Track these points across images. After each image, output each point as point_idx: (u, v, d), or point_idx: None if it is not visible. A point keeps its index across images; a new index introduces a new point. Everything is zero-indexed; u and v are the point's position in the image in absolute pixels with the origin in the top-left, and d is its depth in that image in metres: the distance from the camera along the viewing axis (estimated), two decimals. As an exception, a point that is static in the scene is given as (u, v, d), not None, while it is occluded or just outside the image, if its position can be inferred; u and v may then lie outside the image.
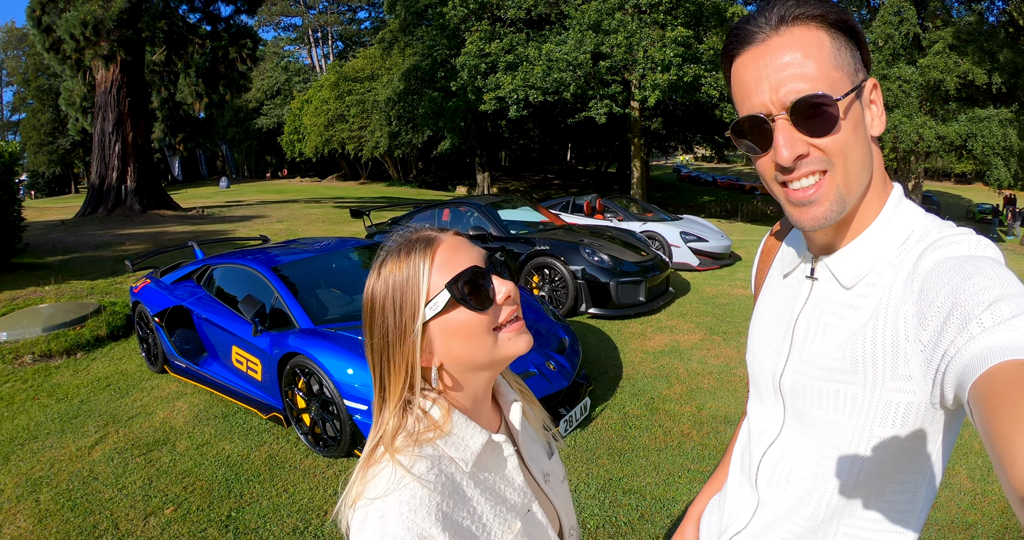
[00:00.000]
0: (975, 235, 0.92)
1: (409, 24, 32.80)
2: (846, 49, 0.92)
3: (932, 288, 0.85)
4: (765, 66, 0.93)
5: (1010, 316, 0.72)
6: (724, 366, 5.97)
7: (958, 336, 0.76)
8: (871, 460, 0.98)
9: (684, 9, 22.85)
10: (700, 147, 44.70)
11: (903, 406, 0.92)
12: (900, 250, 0.96)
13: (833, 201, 0.95)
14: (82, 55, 18.48)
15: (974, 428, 0.74)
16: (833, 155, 0.92)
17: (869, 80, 0.94)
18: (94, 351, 6.71)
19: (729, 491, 1.31)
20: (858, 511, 1.03)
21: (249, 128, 56.98)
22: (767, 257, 1.30)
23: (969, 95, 28.36)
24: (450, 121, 30.01)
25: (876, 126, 0.95)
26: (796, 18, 0.91)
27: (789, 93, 0.91)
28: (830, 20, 0.91)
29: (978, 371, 0.70)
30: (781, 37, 0.92)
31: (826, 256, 1.05)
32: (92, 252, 12.60)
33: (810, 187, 0.95)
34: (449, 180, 46.45)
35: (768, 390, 1.16)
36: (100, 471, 4.23)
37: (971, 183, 56.05)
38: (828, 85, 0.89)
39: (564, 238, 7.97)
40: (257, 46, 23.14)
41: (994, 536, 3.40)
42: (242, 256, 5.57)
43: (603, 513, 3.61)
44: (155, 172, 21.82)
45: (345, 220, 17.62)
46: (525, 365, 4.44)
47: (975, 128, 25.88)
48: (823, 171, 0.94)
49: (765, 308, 1.21)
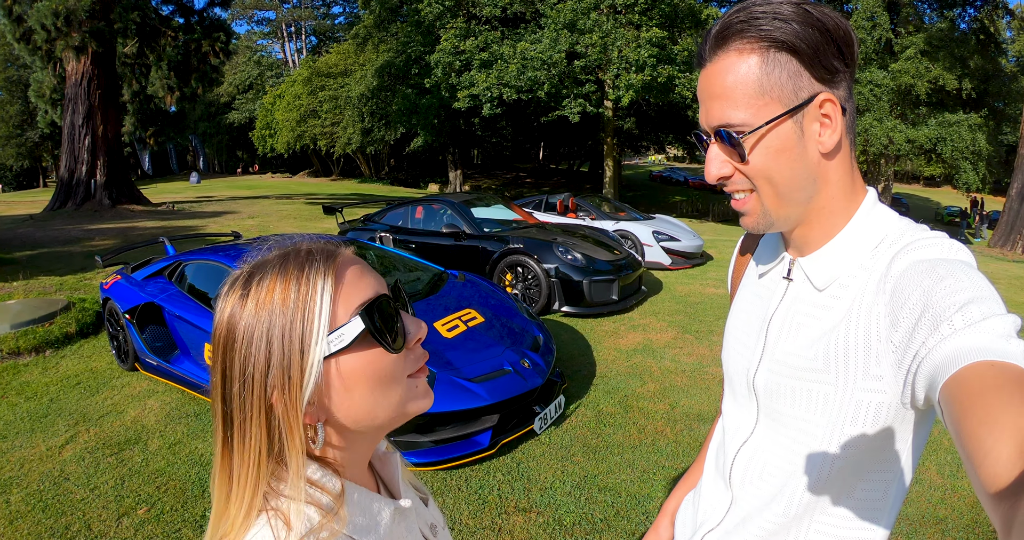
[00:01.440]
0: (948, 239, 0.94)
1: (383, 20, 32.64)
2: (783, 69, 0.90)
3: (904, 290, 0.87)
4: (703, 90, 0.98)
5: (980, 318, 0.75)
6: (697, 364, 6.02)
7: (929, 337, 0.78)
8: (842, 458, 0.99)
9: (659, 10, 22.94)
10: (672, 147, 44.94)
11: (874, 405, 0.93)
12: (873, 253, 0.97)
13: (760, 215, 1.01)
14: (53, 46, 18.17)
15: (943, 425, 0.76)
16: (754, 178, 0.97)
17: (820, 96, 0.92)
18: (63, 348, 6.60)
19: (704, 488, 1.32)
20: (829, 508, 1.04)
21: (220, 123, 56.34)
22: (743, 257, 1.31)
23: (939, 100, 28.86)
24: (423, 118, 29.93)
25: (826, 142, 0.94)
26: (729, 40, 0.93)
27: (713, 119, 0.96)
28: (766, 40, 0.90)
29: (949, 372, 0.72)
30: (715, 63, 0.95)
31: (801, 257, 1.06)
32: (61, 247, 12.39)
33: (739, 200, 1.02)
34: (421, 177, 46.27)
35: (742, 388, 1.17)
36: (71, 471, 4.16)
37: (939, 186, 56.93)
38: (751, 113, 0.92)
39: (537, 236, 7.99)
40: (230, 40, 22.96)
41: (964, 530, 3.47)
42: (214, 252, 5.52)
43: (579, 510, 3.63)
44: (125, 166, 21.52)
45: (317, 217, 17.51)
46: (500, 363, 4.44)
47: (945, 132, 26.34)
48: (750, 189, 0.99)
49: (741, 307, 1.22)
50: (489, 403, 4.07)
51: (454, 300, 5.32)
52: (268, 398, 0.74)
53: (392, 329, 0.81)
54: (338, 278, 0.79)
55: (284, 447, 0.75)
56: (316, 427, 0.79)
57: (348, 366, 0.77)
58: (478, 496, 3.76)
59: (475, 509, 3.63)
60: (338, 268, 0.80)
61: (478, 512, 3.60)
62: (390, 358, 0.80)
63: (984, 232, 31.16)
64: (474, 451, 4.04)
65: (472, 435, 4.08)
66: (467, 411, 4.03)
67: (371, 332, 0.78)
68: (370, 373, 0.78)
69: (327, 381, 0.77)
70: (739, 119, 0.93)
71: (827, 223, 1.01)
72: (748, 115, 0.92)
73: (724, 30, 0.93)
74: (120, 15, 18.41)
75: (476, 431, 4.08)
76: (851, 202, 1.01)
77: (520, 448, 4.33)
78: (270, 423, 0.75)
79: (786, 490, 1.08)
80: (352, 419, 0.80)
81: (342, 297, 0.78)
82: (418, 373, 0.86)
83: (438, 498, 3.71)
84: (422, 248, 8.58)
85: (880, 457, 0.98)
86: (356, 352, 0.77)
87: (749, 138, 0.93)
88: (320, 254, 0.80)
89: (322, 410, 0.78)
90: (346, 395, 0.78)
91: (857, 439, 0.97)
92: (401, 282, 0.93)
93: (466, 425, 4.09)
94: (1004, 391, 0.64)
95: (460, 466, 4.04)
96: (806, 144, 0.94)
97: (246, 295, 0.77)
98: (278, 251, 0.82)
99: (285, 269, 0.77)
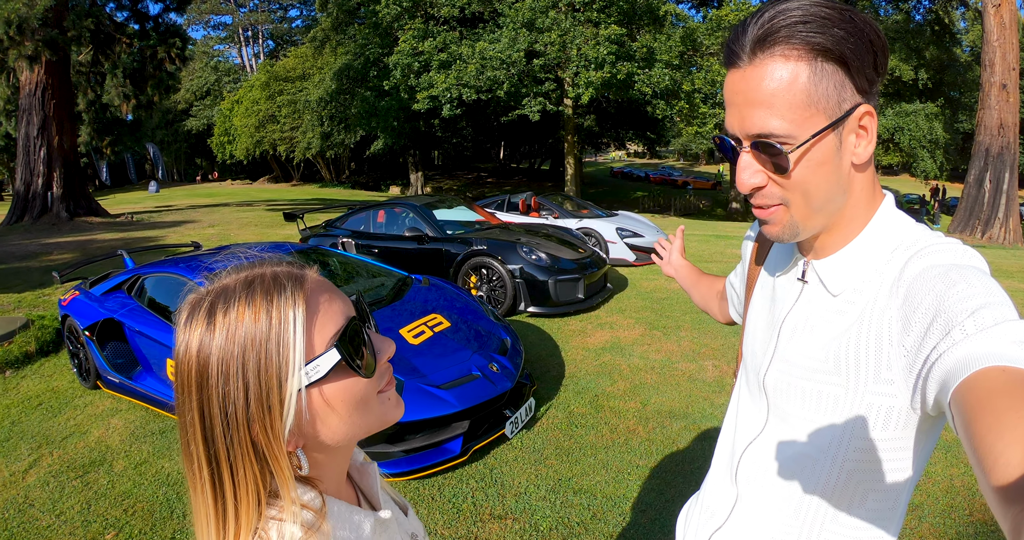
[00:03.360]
0: (961, 244, 0.93)
1: (341, 22, 32.45)
2: (829, 79, 0.87)
3: (917, 295, 0.86)
4: (737, 94, 0.93)
5: (992, 323, 0.74)
6: (666, 360, 6.03)
7: (941, 342, 0.78)
8: (852, 461, 0.99)
9: (617, 7, 23.07)
10: (633, 143, 45.24)
11: (884, 409, 0.93)
12: (889, 258, 0.97)
13: (786, 226, 0.98)
14: (6, 56, 17.66)
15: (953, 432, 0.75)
16: (790, 191, 0.94)
17: (861, 107, 0.89)
18: (23, 368, 6.42)
19: (709, 483, 1.33)
20: (842, 516, 1.04)
21: (178, 130, 55.47)
22: (760, 252, 1.30)
23: (896, 90, 29.48)
24: (383, 121, 29.77)
25: (861, 153, 0.93)
26: (771, 44, 0.88)
27: (752, 127, 0.91)
28: (815, 48, 0.86)
29: (960, 377, 0.71)
30: (755, 67, 0.90)
31: (815, 260, 1.05)
32: (18, 263, 12.10)
33: (766, 210, 0.98)
34: (382, 180, 46.04)
35: (755, 386, 1.17)
36: (36, 497, 4.03)
37: (898, 174, 57.91)
38: (796, 124, 0.88)
39: (501, 237, 7.95)
40: (186, 45, 22.53)
41: (940, 516, 3.51)
42: (174, 265, 5.40)
43: (555, 514, 3.60)
44: (82, 177, 21.08)
45: (278, 224, 17.31)
46: (468, 368, 4.40)
47: (902, 122, 26.90)
48: (779, 203, 0.96)
49: (757, 306, 1.22)
50: (459, 409, 4.02)
51: (419, 305, 5.26)
52: (252, 433, 0.73)
53: (363, 353, 0.80)
54: (309, 306, 0.77)
55: (274, 478, 0.75)
56: (297, 453, 0.79)
57: (325, 395, 0.77)
58: (452, 505, 3.71)
59: (450, 518, 3.58)
60: (308, 295, 0.77)
61: (453, 521, 3.55)
62: (364, 382, 0.80)
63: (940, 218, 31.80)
64: (446, 459, 3.98)
65: (443, 443, 4.02)
66: (437, 419, 3.97)
67: (347, 362, 0.77)
68: (346, 398, 0.78)
69: (304, 410, 0.76)
70: (784, 130, 0.89)
71: (846, 229, 1.01)
72: (794, 127, 0.89)
73: (768, 33, 0.88)
74: (73, 22, 17.94)
75: (447, 438, 4.03)
76: (870, 208, 1.01)
77: (492, 453, 4.29)
78: (258, 457, 0.74)
79: (794, 493, 1.08)
80: (331, 440, 0.80)
81: (316, 327, 0.76)
82: (387, 386, 0.85)
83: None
84: (385, 253, 8.50)
85: (889, 462, 0.98)
86: (332, 381, 0.77)
87: (796, 152, 0.90)
88: (288, 279, 0.78)
89: (301, 436, 0.78)
90: (324, 421, 0.78)
91: (866, 442, 0.97)
92: (362, 294, 0.91)
93: (436, 433, 4.03)
94: (1015, 396, 0.64)
95: (433, 475, 3.99)
96: (842, 156, 0.92)
97: (213, 326, 0.74)
98: (241, 275, 0.79)
99: (252, 297, 0.75)
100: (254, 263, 0.81)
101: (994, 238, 19.01)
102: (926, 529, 3.40)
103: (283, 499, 0.74)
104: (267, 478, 0.75)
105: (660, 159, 79.25)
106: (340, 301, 0.81)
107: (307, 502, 0.77)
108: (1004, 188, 19.19)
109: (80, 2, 18.57)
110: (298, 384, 0.73)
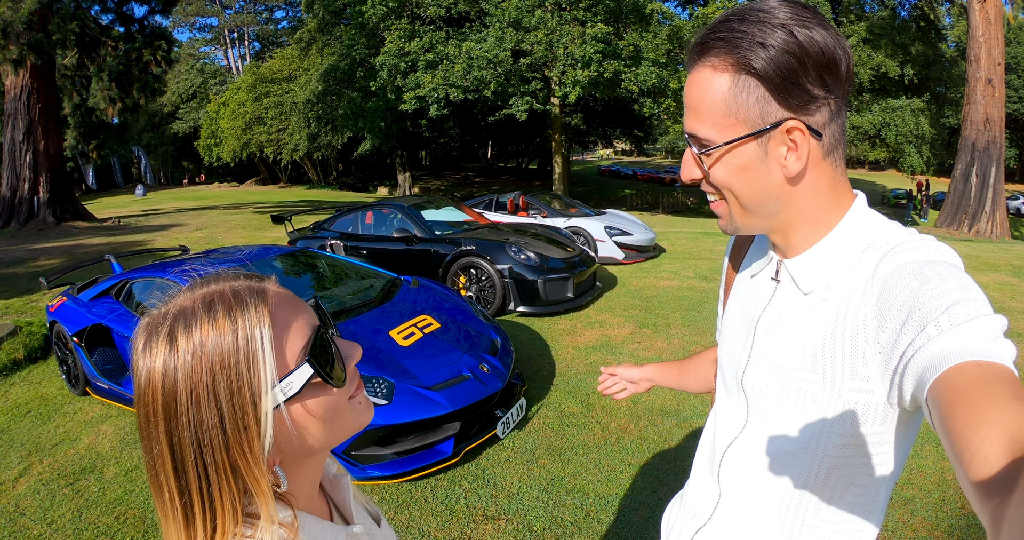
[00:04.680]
0: (935, 241, 0.94)
1: (327, 23, 32.34)
2: (751, 92, 0.90)
3: (891, 292, 0.87)
4: (685, 94, 0.99)
5: (967, 319, 0.76)
6: (656, 358, 6.04)
7: (916, 338, 0.79)
8: (831, 457, 1.00)
9: (604, 6, 23.10)
10: (620, 141, 45.32)
11: (861, 405, 0.94)
12: (860, 256, 0.97)
13: (728, 219, 1.04)
14: (-10, 60, 17.59)
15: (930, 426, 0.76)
16: (719, 187, 1.00)
17: (787, 123, 0.90)
18: (12, 375, 6.37)
19: (692, 483, 1.34)
20: (822, 511, 1.05)
21: (165, 133, 55.25)
22: (737, 256, 1.32)
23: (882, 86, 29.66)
24: (370, 121, 29.74)
25: (790, 167, 0.93)
26: (706, 53, 0.94)
27: (687, 126, 0.99)
28: (739, 62, 0.90)
29: (936, 372, 0.72)
30: (695, 73, 0.96)
31: (787, 260, 1.06)
32: (5, 269, 11.99)
33: (713, 202, 1.05)
34: (370, 181, 46.00)
35: (733, 386, 1.18)
36: (27, 505, 4.00)
37: (884, 170, 58.23)
38: (716, 130, 0.94)
39: (489, 237, 7.94)
40: (172, 48, 22.44)
41: (932, 509, 3.53)
42: (161, 269, 5.37)
43: (548, 514, 3.60)
44: (69, 182, 20.94)
45: (266, 226, 17.25)
46: (458, 369, 4.39)
47: (888, 118, 27.05)
48: (720, 195, 1.01)
49: (733, 307, 1.23)
50: (450, 411, 4.01)
51: (408, 307, 5.25)
52: (230, 458, 0.71)
53: (334, 363, 0.79)
54: (276, 321, 0.75)
55: (252, 498, 0.73)
56: (276, 471, 0.76)
57: (300, 409, 0.75)
58: (445, 506, 3.70)
59: (443, 520, 3.57)
60: (272, 309, 0.75)
61: (446, 523, 3.54)
62: (337, 391, 0.79)
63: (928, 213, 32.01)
64: (438, 460, 3.97)
65: (435, 444, 4.02)
66: (428, 420, 3.97)
67: (320, 375, 0.75)
68: (321, 410, 0.77)
69: (281, 426, 0.74)
70: (704, 133, 0.96)
71: (805, 230, 1.02)
72: (712, 132, 0.95)
73: (704, 41, 0.94)
74: (58, 26, 17.77)
75: (438, 440, 4.02)
76: (835, 211, 1.01)
77: (484, 454, 4.28)
78: (237, 482, 0.71)
79: (776, 490, 1.09)
80: (307, 453, 0.79)
81: (286, 341, 0.75)
82: (356, 391, 0.84)
83: (404, 511, 3.64)
84: (373, 254, 8.48)
85: (868, 457, 0.99)
86: (306, 396, 0.75)
87: (712, 153, 0.95)
88: (249, 294, 0.75)
89: (278, 453, 0.76)
90: (300, 435, 0.76)
91: (845, 438, 0.98)
92: (319, 297, 0.88)
93: (428, 434, 4.02)
94: (990, 390, 0.66)
95: (425, 477, 3.98)
96: (770, 165, 0.94)
97: (175, 350, 0.70)
98: (197, 293, 0.76)
99: (214, 316, 0.72)
100: (208, 279, 0.78)
101: (981, 232, 19.12)
102: (919, 522, 3.42)
103: (262, 519, 0.72)
104: (243, 499, 0.73)
105: (647, 157, 79.39)
106: (303, 311, 0.79)
107: (280, 520, 0.75)
108: (991, 182, 19.31)
109: (65, 5, 18.36)
110: (273, 402, 0.72)
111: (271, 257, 5.90)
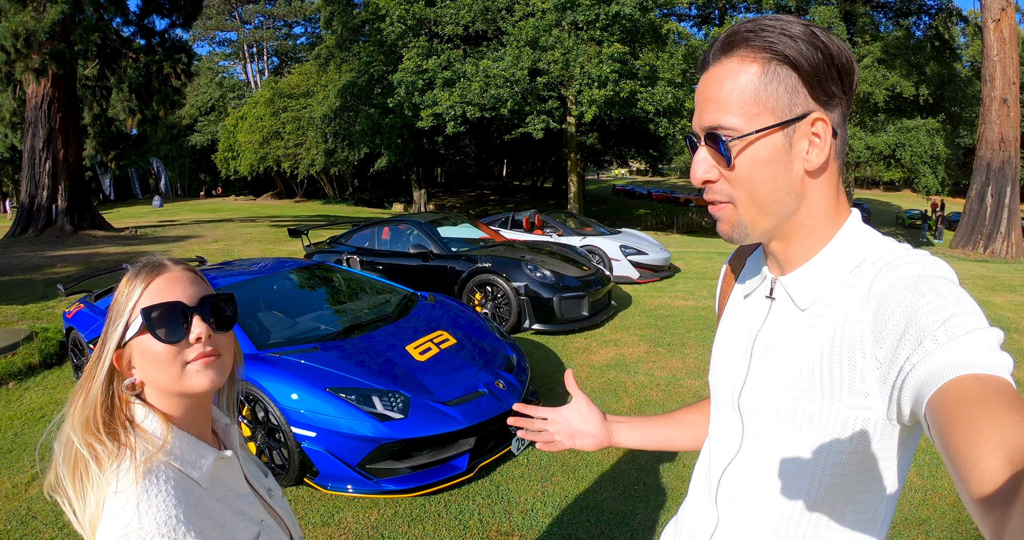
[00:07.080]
0: (930, 255, 0.94)
1: (345, 40, 32.70)
2: (781, 82, 0.92)
3: (887, 307, 0.87)
4: (701, 92, 1.00)
5: (964, 333, 0.76)
6: (671, 378, 6.03)
7: (913, 353, 0.79)
8: (830, 475, 0.99)
9: (620, 26, 23.20)
10: (635, 161, 45.33)
11: (860, 421, 0.94)
12: (855, 271, 0.98)
13: (734, 225, 1.02)
14: (12, 68, 17.70)
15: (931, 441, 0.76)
16: (737, 187, 0.98)
17: (813, 114, 0.93)
18: (27, 380, 6.41)
19: (688, 509, 1.32)
20: (821, 530, 1.04)
21: (183, 145, 55.74)
22: (730, 277, 1.31)
23: (897, 106, 29.55)
24: (387, 138, 29.93)
25: (812, 160, 0.95)
26: (734, 47, 0.95)
27: (704, 120, 0.98)
28: (770, 52, 0.92)
29: (934, 386, 0.73)
30: (718, 67, 0.97)
31: (782, 276, 1.07)
32: (22, 275, 12.12)
33: (717, 206, 1.03)
34: (385, 197, 46.14)
35: (727, 408, 1.17)
36: (39, 509, 4.01)
37: (899, 190, 58.04)
38: (743, 119, 0.94)
39: (505, 254, 7.97)
40: (192, 61, 22.67)
41: (947, 530, 3.50)
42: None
43: (562, 531, 3.59)
44: (87, 191, 21.19)
45: (282, 240, 17.35)
46: (474, 385, 4.40)
47: (903, 138, 26.93)
48: (728, 200, 1.00)
49: (727, 327, 1.22)
50: (465, 426, 4.02)
51: (424, 322, 5.27)
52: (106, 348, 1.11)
53: (169, 326, 1.10)
54: (149, 285, 1.12)
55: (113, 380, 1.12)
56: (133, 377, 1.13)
57: (139, 346, 1.10)
58: (458, 521, 3.70)
59: (456, 535, 3.57)
60: (153, 278, 1.12)
61: (459, 538, 3.54)
62: (164, 346, 1.09)
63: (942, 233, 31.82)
64: (452, 476, 3.98)
65: (449, 459, 4.02)
66: (443, 435, 3.98)
67: (146, 326, 1.09)
68: (151, 354, 1.10)
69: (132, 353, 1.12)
70: (731, 123, 0.94)
71: (806, 241, 1.02)
72: (740, 121, 0.94)
73: (731, 37, 0.96)
74: (80, 36, 18.03)
75: (453, 455, 4.03)
76: (833, 223, 1.01)
77: (498, 470, 4.28)
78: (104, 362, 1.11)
79: (775, 510, 1.07)
80: (151, 384, 1.12)
81: (145, 299, 1.10)
82: (195, 359, 1.12)
83: (417, 525, 3.64)
84: (389, 269, 8.52)
85: (868, 474, 0.98)
86: (144, 338, 1.10)
87: (737, 143, 0.95)
88: (149, 267, 1.14)
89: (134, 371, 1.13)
90: (142, 366, 1.11)
91: (844, 456, 0.97)
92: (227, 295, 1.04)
93: (443, 449, 4.03)
94: (989, 403, 0.66)
95: (438, 491, 3.98)
96: (792, 159, 0.95)
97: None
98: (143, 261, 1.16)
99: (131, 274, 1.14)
100: (154, 255, 1.19)
101: (996, 252, 18.96)
102: (934, 547, 3.40)
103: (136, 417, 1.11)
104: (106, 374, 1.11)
105: (662, 176, 79.44)
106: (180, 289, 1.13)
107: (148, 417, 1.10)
108: (1006, 202, 19.16)
109: (87, 16, 18.62)
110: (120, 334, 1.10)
111: (287, 270, 5.93)
